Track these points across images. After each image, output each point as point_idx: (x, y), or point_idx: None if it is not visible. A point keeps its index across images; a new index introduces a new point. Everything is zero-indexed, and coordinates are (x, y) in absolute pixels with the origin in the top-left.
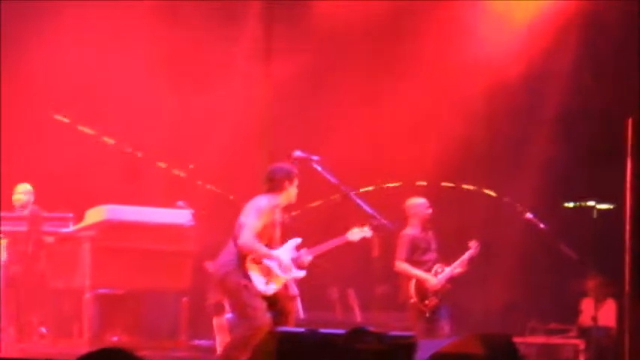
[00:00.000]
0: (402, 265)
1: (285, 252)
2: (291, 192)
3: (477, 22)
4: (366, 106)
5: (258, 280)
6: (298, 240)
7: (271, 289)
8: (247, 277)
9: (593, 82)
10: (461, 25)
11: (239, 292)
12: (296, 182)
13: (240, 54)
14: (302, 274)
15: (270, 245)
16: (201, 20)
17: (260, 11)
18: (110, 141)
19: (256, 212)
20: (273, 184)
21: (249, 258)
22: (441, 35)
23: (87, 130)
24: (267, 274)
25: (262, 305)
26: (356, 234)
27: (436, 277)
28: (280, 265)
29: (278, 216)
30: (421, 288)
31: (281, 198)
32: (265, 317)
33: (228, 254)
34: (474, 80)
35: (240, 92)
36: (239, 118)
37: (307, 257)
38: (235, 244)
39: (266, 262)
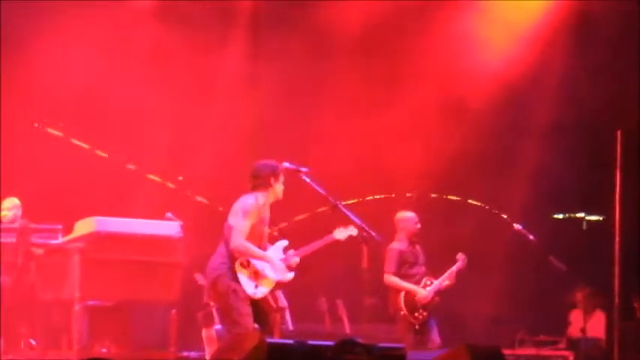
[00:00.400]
0: (391, 279)
1: (273, 254)
2: (277, 188)
3: (471, 30)
4: (356, 117)
5: (248, 284)
6: (285, 242)
7: (260, 292)
8: (237, 281)
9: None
10: (454, 33)
11: (227, 296)
12: (282, 178)
13: (229, 64)
14: (290, 275)
15: (260, 245)
16: (190, 29)
17: (248, 20)
18: (102, 154)
19: (243, 213)
20: (259, 182)
21: (238, 262)
22: (431, 45)
23: (79, 143)
24: (256, 277)
25: (248, 311)
26: (342, 232)
27: (425, 289)
28: (273, 266)
29: (266, 214)
30: (411, 300)
31: (268, 195)
32: (250, 323)
33: (219, 257)
34: (464, 92)
35: (228, 103)
36: (228, 129)
37: (295, 259)
38: (226, 247)
39: (257, 263)
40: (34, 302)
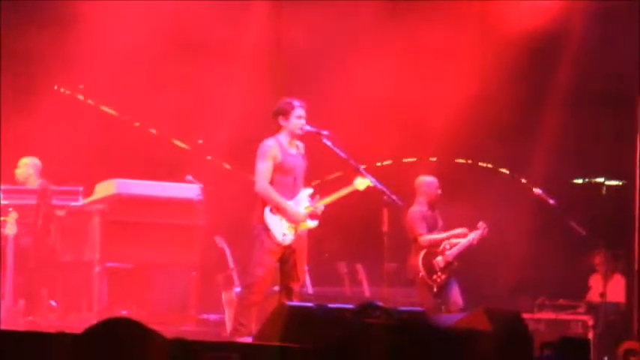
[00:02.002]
0: (427, 237)
1: (298, 202)
2: (290, 126)
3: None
4: (381, 80)
5: (277, 231)
6: (310, 190)
7: (288, 239)
8: (266, 228)
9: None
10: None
11: (254, 243)
12: (295, 112)
13: (252, 26)
14: (315, 224)
15: (289, 189)
16: None
17: None
18: (121, 116)
19: (261, 155)
20: (273, 126)
21: (267, 208)
22: (453, 8)
23: (98, 104)
24: (285, 224)
25: (265, 262)
26: (361, 183)
27: (443, 253)
28: (291, 214)
29: (290, 160)
30: (429, 263)
31: (282, 135)
32: (259, 274)
33: (258, 210)
34: (485, 57)
35: (251, 66)
36: (250, 92)
37: (320, 206)
38: (260, 199)
39: (287, 210)
40: (55, 264)
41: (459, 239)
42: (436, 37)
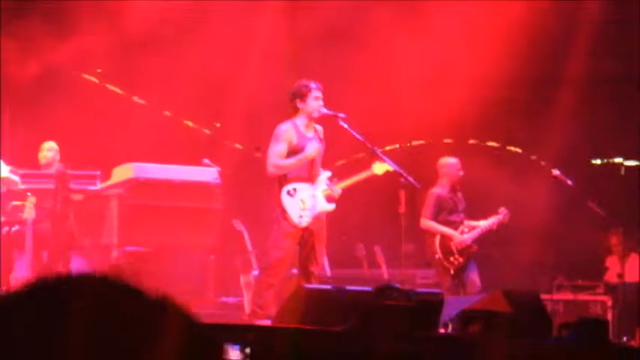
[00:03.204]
0: (427, 223)
1: (316, 185)
2: (307, 108)
3: None
4: (394, 64)
5: (294, 213)
6: (329, 173)
7: (304, 221)
8: (284, 211)
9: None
10: None
11: (272, 225)
12: (313, 94)
13: (266, 11)
14: (332, 207)
15: (306, 172)
16: None
17: None
18: (138, 100)
19: (274, 138)
20: (289, 109)
21: (284, 190)
22: None
23: (115, 89)
24: (302, 207)
25: (282, 245)
26: (380, 168)
27: (463, 236)
28: (304, 156)
29: (308, 143)
30: (446, 245)
31: (299, 118)
32: (276, 257)
33: (276, 193)
34: (502, 37)
35: (266, 52)
36: (265, 77)
37: (337, 190)
38: (279, 181)
39: (303, 192)
40: (73, 248)
41: (479, 222)
42: (449, 17)
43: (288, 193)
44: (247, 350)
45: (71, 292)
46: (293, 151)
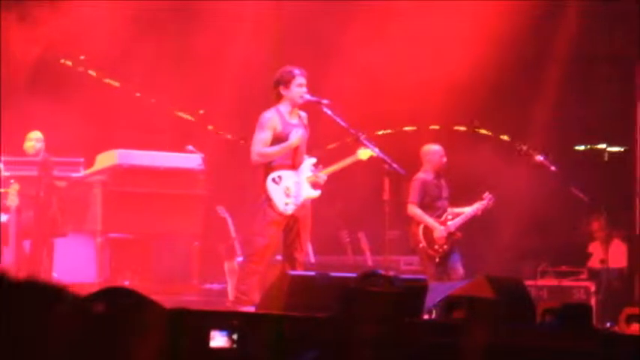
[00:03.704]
0: (414, 209)
1: (301, 172)
2: (290, 95)
3: None
4: (381, 48)
5: (279, 200)
6: (314, 159)
7: (290, 208)
8: (269, 198)
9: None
10: None
11: (256, 216)
12: (296, 81)
13: None
14: (317, 193)
15: (290, 159)
16: None
17: None
18: (116, 84)
19: (259, 126)
20: (273, 96)
21: (269, 178)
22: None
23: (97, 74)
24: (287, 194)
25: (266, 232)
26: (364, 153)
27: (445, 224)
28: (287, 145)
29: (292, 131)
30: (430, 234)
31: (283, 105)
32: (259, 244)
33: (261, 180)
34: (483, 22)
35: (250, 38)
36: (250, 64)
37: (322, 176)
38: (265, 169)
39: (288, 180)
40: (57, 235)
41: (463, 209)
42: (435, 2)
43: (273, 180)
44: (234, 336)
45: None
46: (277, 139)
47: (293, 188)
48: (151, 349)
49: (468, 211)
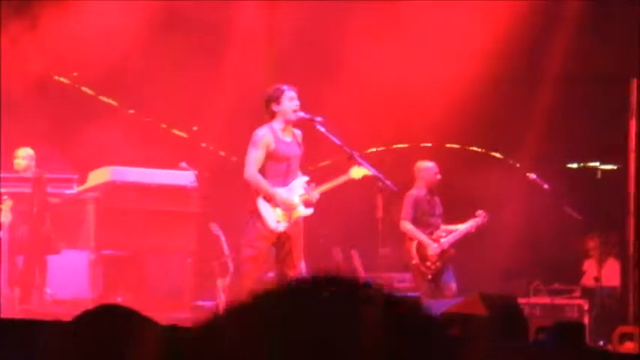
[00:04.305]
0: (407, 226)
1: (293, 190)
2: (282, 111)
3: None
4: (373, 67)
5: (270, 218)
6: (306, 178)
7: (282, 226)
8: (259, 215)
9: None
10: None
11: (245, 229)
12: (287, 95)
13: (244, 15)
14: (309, 212)
15: (282, 177)
16: None
17: None
18: (113, 102)
19: (252, 144)
20: (266, 113)
21: (260, 195)
22: None
23: (92, 92)
24: (279, 212)
25: (254, 244)
26: (357, 172)
27: (438, 241)
28: (281, 201)
29: (285, 148)
30: (423, 250)
31: (276, 122)
32: (246, 255)
33: (252, 197)
34: (476, 42)
35: (244, 55)
36: (243, 81)
37: (314, 194)
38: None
39: (279, 197)
40: (50, 252)
41: (457, 226)
42: (427, 21)
43: (264, 198)
44: None
45: None
46: (270, 156)
47: (284, 206)
48: None
49: (461, 228)
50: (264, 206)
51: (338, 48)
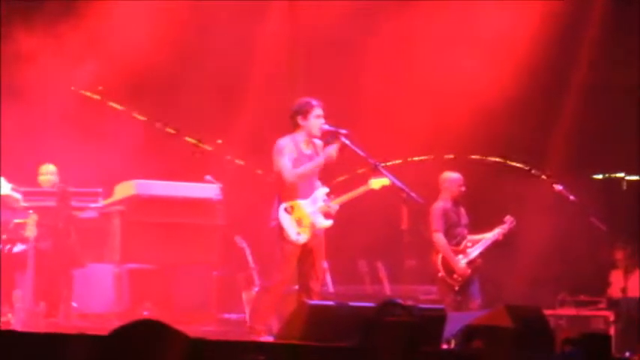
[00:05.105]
0: (439, 238)
1: (314, 201)
2: (308, 125)
3: None
4: (396, 77)
5: (291, 230)
6: (326, 189)
7: (302, 238)
8: (281, 228)
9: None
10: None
11: (273, 251)
12: (315, 112)
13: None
14: (329, 223)
15: (303, 188)
16: None
17: None
18: (140, 117)
19: (278, 152)
20: (291, 123)
21: (282, 207)
22: (467, 5)
23: (117, 106)
24: (299, 224)
25: (283, 268)
26: (376, 182)
27: (466, 251)
28: (327, 155)
29: (309, 153)
30: (448, 263)
31: (299, 134)
32: (277, 279)
33: (274, 208)
34: (503, 53)
35: (267, 66)
36: (268, 92)
37: (334, 206)
38: (278, 198)
39: (302, 209)
40: (76, 265)
41: (483, 235)
42: (453, 32)
43: (286, 210)
44: None
45: None
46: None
47: (305, 218)
48: None
49: (488, 236)
50: (285, 219)
51: (362, 60)
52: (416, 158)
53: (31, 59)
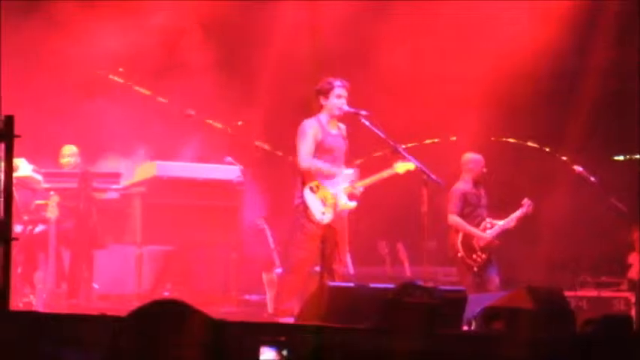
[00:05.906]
0: (455, 219)
1: (338, 182)
2: (329, 105)
3: None
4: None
5: (316, 209)
6: (351, 171)
7: (327, 218)
8: (306, 207)
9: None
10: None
11: (294, 228)
12: (335, 92)
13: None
14: (353, 205)
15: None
16: None
17: None
18: (162, 100)
19: (301, 135)
20: (315, 105)
21: (307, 186)
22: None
23: (139, 88)
24: (324, 203)
25: (305, 246)
26: (402, 167)
27: (485, 232)
28: (341, 177)
29: (331, 140)
30: (468, 243)
31: (323, 115)
32: (298, 258)
33: (298, 189)
34: (520, 33)
35: (287, 50)
36: (287, 75)
37: (359, 188)
38: (302, 178)
39: (326, 189)
40: (97, 247)
41: (499, 221)
42: (470, 13)
43: (311, 189)
44: (284, 352)
45: None
46: (317, 148)
47: (330, 198)
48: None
49: (506, 220)
50: (310, 198)
51: (382, 41)
52: (435, 140)
53: (52, 42)
